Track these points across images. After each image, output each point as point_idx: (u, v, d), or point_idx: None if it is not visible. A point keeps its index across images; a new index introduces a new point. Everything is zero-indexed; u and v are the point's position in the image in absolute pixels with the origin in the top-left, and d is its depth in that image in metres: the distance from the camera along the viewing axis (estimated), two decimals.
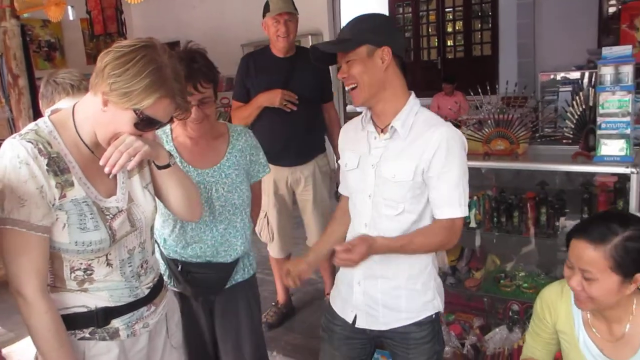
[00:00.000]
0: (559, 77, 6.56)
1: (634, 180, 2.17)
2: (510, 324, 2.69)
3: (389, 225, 1.65)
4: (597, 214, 1.57)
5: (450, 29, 10.37)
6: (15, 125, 3.94)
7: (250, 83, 3.22)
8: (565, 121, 2.57)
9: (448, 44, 10.43)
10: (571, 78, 6.47)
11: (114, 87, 1.25)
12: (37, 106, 2.25)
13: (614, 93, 2.23)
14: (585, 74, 6.18)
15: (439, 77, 8.40)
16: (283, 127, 3.17)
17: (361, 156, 1.71)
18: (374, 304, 1.72)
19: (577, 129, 2.51)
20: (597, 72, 2.30)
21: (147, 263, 1.52)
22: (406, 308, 1.70)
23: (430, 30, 10.55)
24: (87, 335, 1.40)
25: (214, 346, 2.09)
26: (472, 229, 2.75)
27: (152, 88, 1.26)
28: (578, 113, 2.50)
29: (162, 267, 1.97)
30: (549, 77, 6.66)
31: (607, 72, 2.25)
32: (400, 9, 10.71)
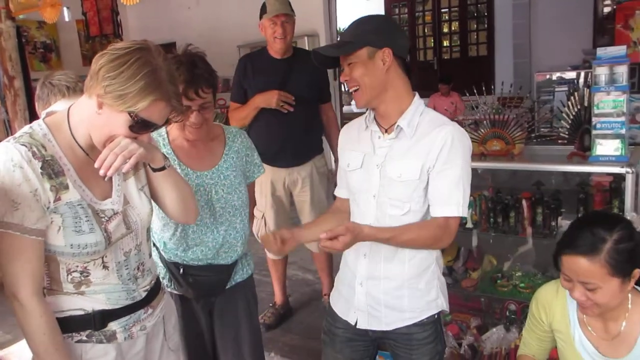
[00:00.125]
0: (554, 77, 6.58)
1: (629, 180, 2.18)
2: (507, 323, 2.70)
3: (394, 225, 1.64)
4: (576, 222, 1.56)
5: (446, 30, 10.39)
6: (11, 126, 3.93)
7: (248, 84, 3.23)
8: (561, 121, 2.58)
9: (444, 44, 10.45)
10: (567, 78, 6.49)
11: (109, 90, 1.25)
12: (33, 108, 2.25)
13: (608, 93, 2.24)
14: (581, 74, 6.21)
15: (435, 78, 8.40)
16: (280, 128, 3.17)
17: (365, 156, 1.69)
18: (376, 304, 1.71)
19: (573, 129, 2.52)
20: (592, 73, 2.32)
21: (144, 265, 1.52)
22: (409, 307, 1.69)
23: (426, 30, 10.57)
24: (84, 338, 1.40)
25: (213, 347, 2.09)
26: (468, 229, 2.75)
27: (146, 90, 1.26)
28: (573, 113, 2.51)
29: (162, 271, 1.97)
30: (545, 77, 6.68)
31: (602, 72, 2.26)
32: (397, 9, 10.73)
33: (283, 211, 3.37)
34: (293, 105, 3.11)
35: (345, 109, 8.43)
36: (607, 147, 2.26)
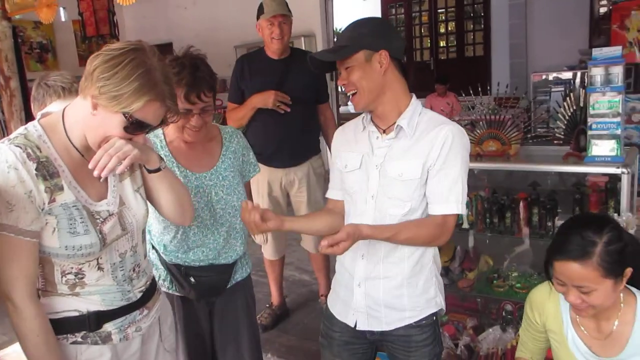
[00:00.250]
0: (551, 78, 6.61)
1: (625, 180, 2.19)
2: (503, 324, 2.71)
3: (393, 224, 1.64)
4: (565, 226, 1.57)
5: (442, 30, 10.40)
6: (7, 127, 3.92)
7: (245, 85, 3.23)
8: (557, 122, 2.58)
9: (441, 44, 10.46)
10: (563, 78, 6.51)
11: (103, 91, 1.25)
12: (29, 108, 2.23)
13: (604, 94, 2.24)
14: (577, 74, 6.23)
15: (432, 78, 8.42)
16: (277, 128, 3.18)
17: (364, 156, 1.69)
18: (375, 305, 1.70)
19: (569, 129, 2.52)
20: (588, 73, 2.32)
21: (139, 267, 1.52)
22: (409, 306, 1.69)
23: (422, 31, 10.57)
24: (79, 339, 1.39)
25: (212, 346, 2.09)
26: (464, 229, 2.75)
27: (141, 91, 1.25)
28: (569, 114, 2.51)
29: (163, 273, 1.97)
30: (541, 78, 6.70)
31: (598, 73, 2.27)
32: (393, 10, 10.73)
33: (280, 211, 3.36)
34: (290, 105, 3.12)
35: (342, 109, 8.43)
36: (602, 148, 2.26)
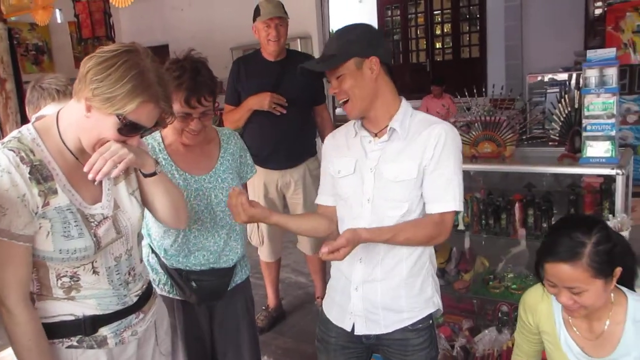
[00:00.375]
0: (546, 79, 6.62)
1: (619, 182, 2.20)
2: (499, 325, 2.71)
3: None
4: (554, 228, 1.57)
5: (438, 32, 10.42)
6: (3, 129, 3.90)
7: (241, 87, 3.23)
8: (552, 123, 2.59)
9: (437, 46, 10.48)
10: (559, 79, 6.53)
11: (97, 93, 1.24)
12: (25, 110, 2.23)
13: (598, 95, 2.26)
14: (573, 76, 6.25)
15: (428, 80, 8.43)
16: (273, 130, 3.18)
17: (357, 161, 1.69)
18: (373, 307, 1.70)
19: (564, 131, 2.53)
20: (582, 75, 2.33)
21: (135, 270, 1.51)
22: (407, 307, 1.69)
23: (418, 32, 10.59)
24: (75, 343, 1.39)
25: (212, 348, 2.08)
26: (460, 231, 2.76)
27: (134, 93, 1.25)
28: (564, 115, 2.52)
29: (164, 278, 1.96)
30: (537, 79, 6.72)
31: (592, 74, 2.28)
32: (389, 11, 10.76)
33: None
34: (286, 107, 3.12)
35: (339, 111, 8.40)
36: (597, 149, 2.28)
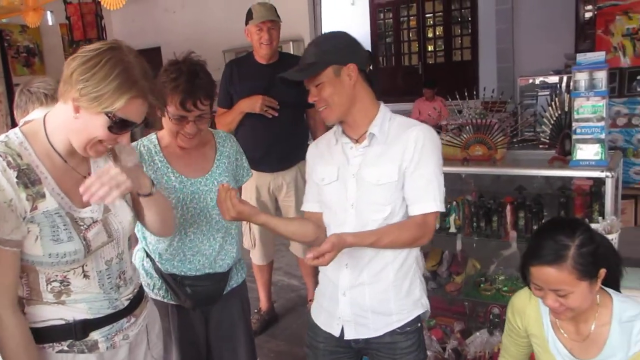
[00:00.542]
0: (537, 82, 6.65)
1: (609, 184, 2.21)
2: (490, 327, 2.71)
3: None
4: (538, 232, 1.59)
5: (430, 35, 10.44)
6: None
7: (234, 90, 3.24)
8: (542, 126, 2.61)
9: (429, 49, 10.50)
10: (550, 82, 6.56)
11: (84, 92, 1.24)
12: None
13: (588, 98, 2.27)
14: (564, 79, 6.28)
15: (420, 82, 8.45)
16: (265, 132, 3.18)
17: (340, 167, 1.71)
18: (362, 311, 1.70)
19: (554, 133, 2.55)
20: (572, 78, 2.35)
21: (126, 274, 1.50)
22: (396, 310, 1.70)
23: (411, 35, 10.61)
24: (66, 348, 1.38)
25: (207, 353, 2.07)
26: (452, 233, 2.77)
27: (122, 89, 1.25)
28: (554, 118, 2.54)
29: (158, 282, 1.95)
30: (528, 82, 6.74)
31: (582, 78, 2.30)
32: (381, 14, 10.77)
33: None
34: (278, 110, 3.13)
35: None
36: (587, 152, 2.29)
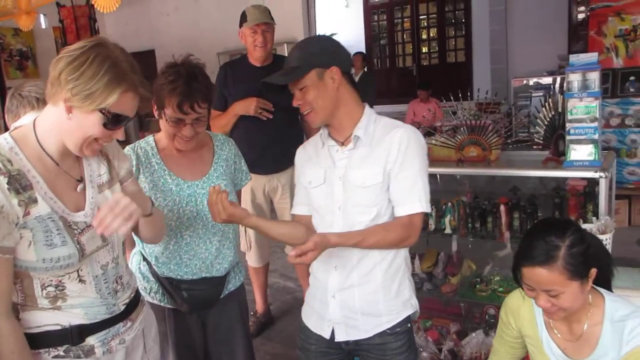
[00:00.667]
0: (531, 83, 6.68)
1: (603, 184, 2.22)
2: (486, 328, 2.72)
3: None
4: (529, 233, 1.60)
5: (424, 36, 10.48)
6: None
7: (228, 92, 3.23)
8: (536, 127, 2.62)
9: (423, 50, 10.54)
10: (543, 83, 6.59)
11: (75, 92, 1.23)
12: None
13: (581, 99, 2.28)
14: (557, 79, 6.31)
15: (415, 84, 8.48)
16: (259, 135, 3.18)
17: (326, 170, 1.72)
18: (352, 313, 1.71)
19: (548, 134, 2.56)
20: (565, 79, 2.36)
21: (122, 279, 1.50)
22: (385, 311, 1.71)
23: (405, 37, 10.66)
24: (62, 353, 1.37)
25: (204, 358, 2.06)
26: (447, 234, 2.77)
27: (113, 84, 1.25)
28: (548, 119, 2.55)
29: (155, 286, 1.94)
30: (522, 83, 6.77)
31: (575, 78, 2.31)
32: (376, 16, 10.81)
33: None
34: (272, 112, 3.12)
35: None
36: (580, 152, 2.30)
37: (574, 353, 1.58)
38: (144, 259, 1.96)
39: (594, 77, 2.28)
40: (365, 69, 7.64)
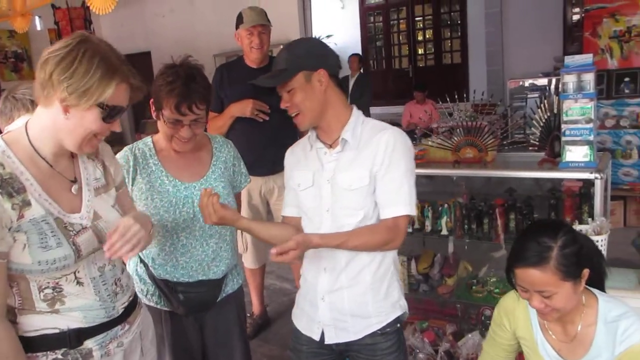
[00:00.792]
0: (527, 84, 6.70)
1: (598, 185, 2.23)
2: (482, 329, 2.73)
3: None
4: (522, 234, 1.61)
5: (420, 38, 10.49)
6: None
7: (224, 94, 3.23)
8: (532, 128, 2.63)
9: (419, 52, 10.54)
10: (539, 84, 6.61)
11: (71, 90, 1.23)
12: None
13: (576, 100, 2.29)
14: (552, 81, 6.33)
15: (411, 85, 8.48)
16: (255, 136, 3.18)
17: (315, 173, 1.73)
18: (341, 315, 1.72)
19: (543, 135, 2.57)
20: (561, 80, 2.37)
21: (121, 281, 1.50)
22: (374, 312, 1.71)
23: (401, 38, 10.66)
24: (59, 356, 1.36)
25: (203, 358, 2.06)
26: (444, 236, 2.78)
27: (107, 78, 1.25)
28: (544, 120, 2.56)
29: (151, 288, 1.94)
30: (518, 84, 6.79)
31: (570, 80, 2.32)
32: (372, 18, 10.82)
33: (260, 220, 3.36)
34: (269, 114, 3.12)
35: None
36: (576, 154, 2.31)
37: (569, 354, 1.58)
38: (141, 261, 1.95)
39: (589, 78, 2.29)
40: (362, 71, 7.65)
